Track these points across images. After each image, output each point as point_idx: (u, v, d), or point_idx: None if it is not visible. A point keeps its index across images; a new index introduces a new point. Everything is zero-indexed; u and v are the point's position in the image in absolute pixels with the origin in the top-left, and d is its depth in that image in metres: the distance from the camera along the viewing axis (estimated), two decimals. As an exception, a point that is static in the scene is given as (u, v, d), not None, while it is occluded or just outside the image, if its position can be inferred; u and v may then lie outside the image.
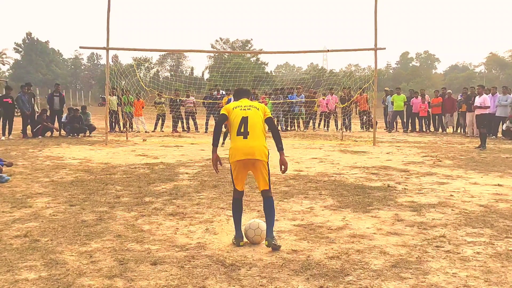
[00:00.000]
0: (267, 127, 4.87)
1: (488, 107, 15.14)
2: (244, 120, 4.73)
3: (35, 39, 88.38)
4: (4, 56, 69.08)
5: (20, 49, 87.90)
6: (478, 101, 15.03)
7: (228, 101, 15.01)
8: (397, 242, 4.76)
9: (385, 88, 24.45)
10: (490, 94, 17.10)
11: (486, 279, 3.80)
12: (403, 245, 4.66)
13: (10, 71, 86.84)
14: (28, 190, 7.35)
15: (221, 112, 4.92)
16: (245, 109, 4.81)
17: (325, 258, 4.28)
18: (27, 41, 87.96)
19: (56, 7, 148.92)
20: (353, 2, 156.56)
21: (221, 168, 9.71)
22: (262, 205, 4.91)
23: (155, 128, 21.03)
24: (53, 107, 18.23)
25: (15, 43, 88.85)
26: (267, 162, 4.80)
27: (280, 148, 4.83)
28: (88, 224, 5.42)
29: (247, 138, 4.68)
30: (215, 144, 4.85)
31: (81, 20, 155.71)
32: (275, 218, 4.84)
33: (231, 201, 5.01)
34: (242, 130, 4.70)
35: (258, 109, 4.85)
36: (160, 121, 21.30)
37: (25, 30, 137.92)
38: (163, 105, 21.21)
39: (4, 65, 73.60)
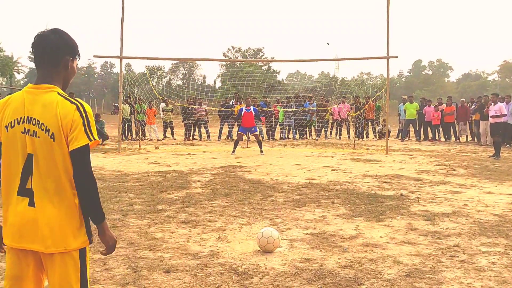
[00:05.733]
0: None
1: (505, 115, 14.99)
2: (29, 163, 2.23)
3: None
4: (19, 64, 69.93)
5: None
6: (493, 109, 14.88)
7: (240, 110, 15.02)
8: (410, 252, 4.73)
9: (402, 97, 24.26)
10: (505, 103, 16.93)
11: (501, 289, 3.76)
12: (417, 255, 4.63)
13: (25, 79, 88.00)
14: (43, 197, 7.41)
15: None
16: (27, 132, 2.22)
17: (338, 267, 4.26)
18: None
19: (70, 16, 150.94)
20: (365, 11, 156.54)
21: (232, 176, 9.78)
22: None
23: (164, 136, 21.18)
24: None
25: (29, 51, 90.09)
26: (82, 252, 2.29)
27: (96, 218, 2.32)
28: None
29: (34, 205, 2.22)
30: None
31: (94, 30, 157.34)
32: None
33: None
34: (26, 186, 2.23)
35: (52, 134, 2.19)
36: (168, 129, 21.44)
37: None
38: (170, 112, 21.31)
39: (19, 73, 74.55)
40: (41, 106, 2.22)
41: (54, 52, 2.30)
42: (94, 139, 2.24)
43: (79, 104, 2.24)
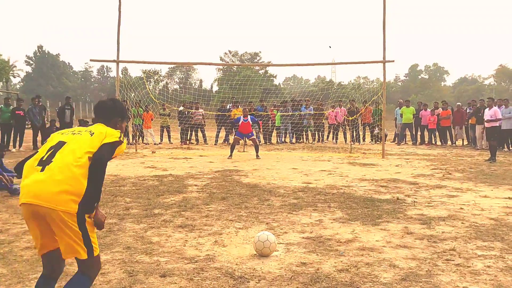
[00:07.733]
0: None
1: (500, 119, 15.04)
2: (59, 146, 2.98)
3: (46, 52, 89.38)
4: (15, 68, 69.87)
5: (31, 62, 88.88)
6: (488, 113, 14.93)
7: (238, 119, 15.01)
8: (406, 255, 4.74)
9: (399, 101, 24.28)
10: (497, 106, 16.97)
11: (497, 293, 3.77)
12: (413, 258, 4.64)
13: (21, 83, 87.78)
14: (39, 201, 7.39)
15: None
16: (73, 133, 3.13)
17: (334, 271, 4.27)
18: (38, 53, 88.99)
19: (67, 21, 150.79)
20: (362, 15, 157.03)
21: (229, 180, 9.78)
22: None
23: (161, 140, 21.17)
24: (64, 119, 18.39)
25: (26, 55, 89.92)
26: (79, 215, 2.89)
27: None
28: (98, 235, 5.41)
29: (44, 170, 2.85)
30: None
31: (91, 33, 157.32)
32: None
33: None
34: (44, 158, 2.92)
35: (93, 133, 3.09)
36: (165, 133, 21.44)
37: (36, 43, 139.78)
38: (167, 117, 21.31)
39: (15, 77, 74.42)
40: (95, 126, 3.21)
41: (107, 113, 3.33)
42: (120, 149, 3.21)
43: (121, 133, 3.25)
